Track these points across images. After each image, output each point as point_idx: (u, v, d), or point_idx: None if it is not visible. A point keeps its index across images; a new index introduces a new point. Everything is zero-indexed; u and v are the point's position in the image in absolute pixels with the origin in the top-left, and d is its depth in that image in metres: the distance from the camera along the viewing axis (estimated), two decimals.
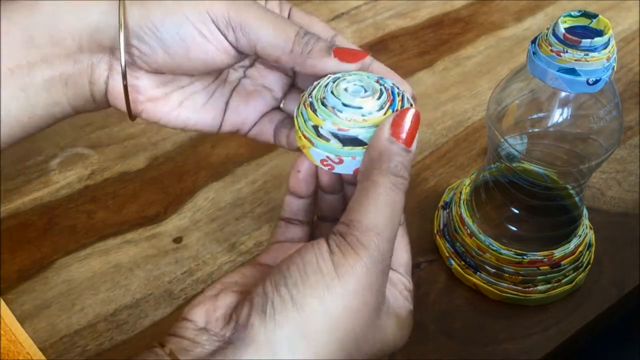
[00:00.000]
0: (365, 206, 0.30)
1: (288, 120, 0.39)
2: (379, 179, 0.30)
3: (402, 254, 0.36)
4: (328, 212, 0.37)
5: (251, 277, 0.33)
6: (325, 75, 0.35)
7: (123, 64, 0.35)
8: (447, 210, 0.56)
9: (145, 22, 0.33)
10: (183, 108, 0.37)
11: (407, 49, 0.73)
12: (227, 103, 0.38)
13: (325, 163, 0.33)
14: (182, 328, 0.31)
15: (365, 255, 0.29)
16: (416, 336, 0.51)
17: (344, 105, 0.32)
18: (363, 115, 0.32)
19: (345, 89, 0.33)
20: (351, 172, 0.33)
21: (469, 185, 0.55)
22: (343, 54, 0.34)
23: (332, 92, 0.33)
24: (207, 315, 0.31)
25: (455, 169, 0.62)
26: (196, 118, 0.37)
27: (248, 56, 0.37)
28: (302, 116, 0.34)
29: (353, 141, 0.32)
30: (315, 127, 0.33)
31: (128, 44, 0.34)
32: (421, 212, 0.59)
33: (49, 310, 0.52)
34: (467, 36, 0.75)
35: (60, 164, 0.62)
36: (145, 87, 0.36)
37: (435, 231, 0.56)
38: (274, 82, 0.39)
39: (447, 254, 0.54)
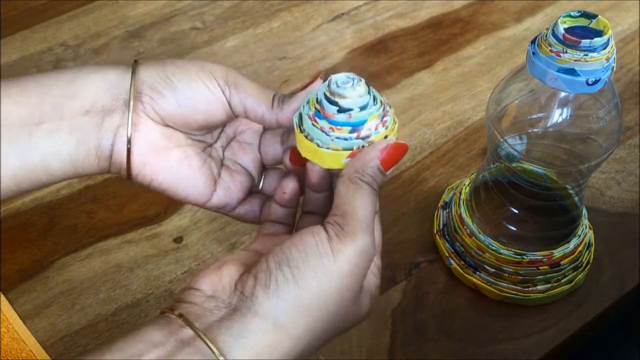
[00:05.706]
0: (355, 204, 0.35)
1: (271, 198, 0.44)
2: (363, 184, 0.36)
3: (377, 239, 0.40)
4: (314, 207, 0.41)
5: (247, 259, 0.37)
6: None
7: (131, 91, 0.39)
8: (447, 210, 0.56)
9: (160, 75, 0.39)
10: (183, 165, 0.41)
11: (407, 49, 0.73)
12: (218, 175, 0.43)
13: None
14: (191, 295, 0.34)
15: (358, 241, 0.34)
16: (416, 336, 0.51)
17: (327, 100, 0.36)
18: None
19: (337, 81, 0.37)
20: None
21: (468, 185, 0.55)
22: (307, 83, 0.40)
23: (327, 85, 0.36)
24: (212, 284, 0.34)
25: (455, 169, 0.62)
26: (193, 180, 0.41)
27: (237, 118, 0.42)
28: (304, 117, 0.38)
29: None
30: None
31: (142, 93, 0.39)
32: (421, 212, 0.59)
33: (50, 310, 0.53)
34: (466, 36, 0.75)
35: None
36: (153, 136, 0.40)
37: (435, 231, 0.56)
38: (248, 162, 0.43)
39: (447, 254, 0.54)
